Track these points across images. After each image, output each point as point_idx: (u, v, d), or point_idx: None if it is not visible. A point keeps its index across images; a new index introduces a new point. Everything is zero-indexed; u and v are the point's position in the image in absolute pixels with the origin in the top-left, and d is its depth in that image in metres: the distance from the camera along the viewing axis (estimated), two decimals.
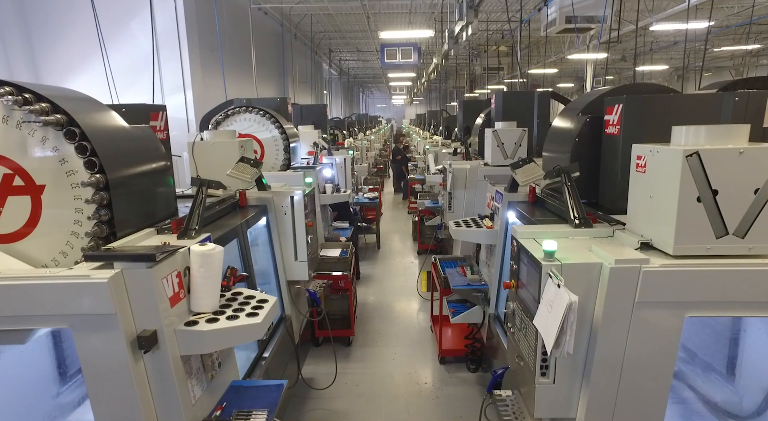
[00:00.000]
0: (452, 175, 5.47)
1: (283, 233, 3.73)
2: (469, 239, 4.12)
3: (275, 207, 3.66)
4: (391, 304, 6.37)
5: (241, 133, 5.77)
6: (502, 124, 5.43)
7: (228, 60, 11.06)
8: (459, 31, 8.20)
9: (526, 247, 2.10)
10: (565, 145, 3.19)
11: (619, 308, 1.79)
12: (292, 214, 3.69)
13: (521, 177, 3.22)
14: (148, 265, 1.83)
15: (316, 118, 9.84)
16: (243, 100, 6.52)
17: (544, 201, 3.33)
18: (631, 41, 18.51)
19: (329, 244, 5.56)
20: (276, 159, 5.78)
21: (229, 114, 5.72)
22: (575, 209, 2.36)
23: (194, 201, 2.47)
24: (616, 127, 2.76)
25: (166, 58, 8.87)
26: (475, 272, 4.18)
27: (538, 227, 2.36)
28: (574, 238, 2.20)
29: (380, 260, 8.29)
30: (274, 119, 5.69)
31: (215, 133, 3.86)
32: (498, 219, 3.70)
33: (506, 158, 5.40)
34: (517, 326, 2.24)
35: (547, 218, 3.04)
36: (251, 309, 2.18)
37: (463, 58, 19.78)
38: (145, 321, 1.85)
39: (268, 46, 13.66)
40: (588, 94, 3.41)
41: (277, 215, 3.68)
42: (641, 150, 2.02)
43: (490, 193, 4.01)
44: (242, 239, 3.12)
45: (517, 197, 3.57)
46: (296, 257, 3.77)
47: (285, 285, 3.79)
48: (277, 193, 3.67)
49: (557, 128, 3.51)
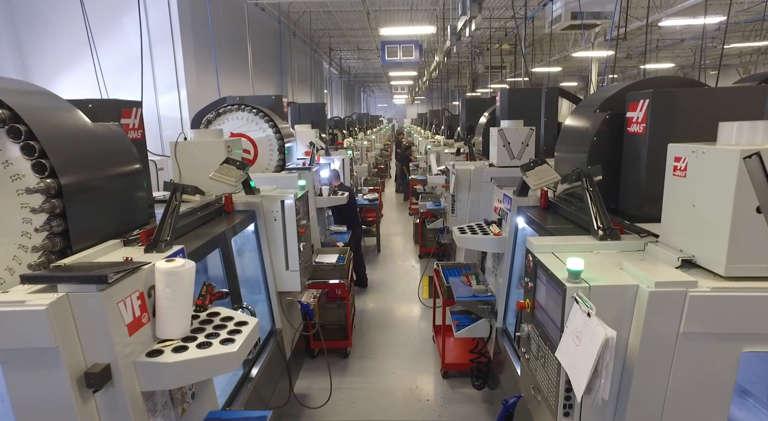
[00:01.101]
0: (455, 177, 5.18)
1: (273, 241, 3.44)
2: (475, 248, 3.83)
3: (264, 212, 3.37)
4: (391, 311, 6.09)
5: (234, 132, 5.50)
6: (508, 122, 5.14)
7: (225, 58, 10.78)
8: (462, 27, 7.91)
9: (545, 263, 1.81)
10: (581, 145, 2.90)
11: (659, 340, 1.50)
12: (283, 220, 3.40)
13: (533, 180, 2.92)
14: (99, 287, 1.54)
15: (314, 117, 9.55)
16: (236, 98, 6.24)
17: (557, 206, 3.03)
18: (637, 39, 18.23)
19: (326, 249, 5.27)
20: (270, 160, 5.50)
21: (221, 112, 5.43)
22: (600, 218, 2.06)
23: (166, 209, 2.19)
24: (640, 125, 2.46)
25: (159, 56, 8.60)
26: (481, 282, 3.88)
27: (557, 239, 2.06)
28: (599, 252, 1.91)
29: (380, 264, 8.00)
30: (268, 118, 5.40)
31: (200, 133, 3.57)
32: (506, 225, 3.41)
33: (513, 159, 5.12)
34: (534, 353, 1.95)
35: (561, 225, 2.75)
36: (227, 334, 1.89)
37: (465, 56, 19.50)
38: (96, 354, 1.56)
39: (267, 44, 13.38)
40: (605, 89, 3.11)
41: (267, 221, 3.39)
42: (681, 150, 1.73)
43: (498, 197, 3.72)
44: (226, 249, 2.83)
45: (527, 202, 3.28)
46: (287, 267, 3.48)
47: (275, 297, 3.50)
48: (267, 198, 3.38)
49: (572, 127, 3.22)
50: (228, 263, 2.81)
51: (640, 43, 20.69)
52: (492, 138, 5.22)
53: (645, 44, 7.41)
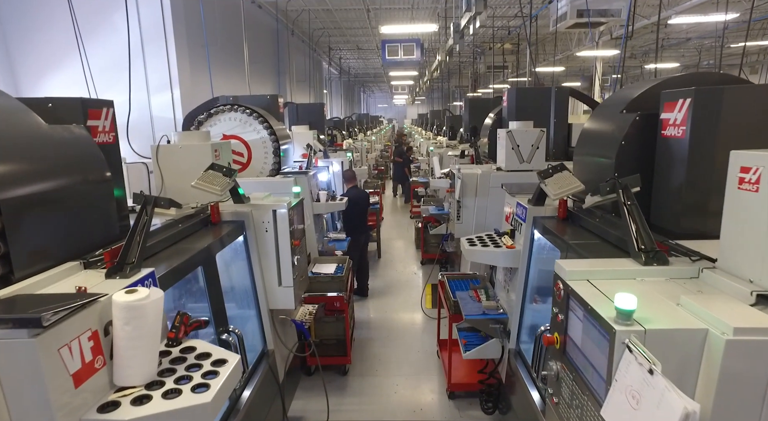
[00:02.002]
0: (461, 182, 4.87)
1: (264, 254, 3.13)
2: (486, 262, 3.52)
3: (254, 223, 3.07)
4: (393, 322, 5.78)
5: (226, 134, 5.20)
6: (517, 124, 4.84)
7: (220, 56, 10.48)
8: (466, 24, 7.60)
9: (581, 295, 1.50)
10: (607, 149, 2.60)
11: (740, 400, 1.20)
12: (275, 231, 3.09)
13: (553, 189, 2.61)
14: (32, 332, 1.23)
15: (313, 117, 9.25)
16: (229, 97, 5.93)
17: (578, 217, 2.73)
18: (640, 38, 17.91)
19: (323, 258, 4.96)
20: (264, 163, 5.20)
21: (212, 113, 5.13)
22: (642, 238, 1.75)
23: (134, 225, 1.88)
24: (679, 128, 2.16)
25: (151, 54, 8.28)
26: (491, 297, 3.58)
27: (592, 264, 1.75)
28: (644, 280, 1.60)
29: (381, 271, 7.70)
30: (263, 119, 5.10)
31: (185, 135, 3.26)
32: (520, 237, 3.10)
33: (522, 162, 4.81)
34: (565, 398, 1.64)
35: (584, 239, 2.44)
36: (202, 377, 1.58)
37: (466, 55, 19.20)
38: (27, 414, 1.25)
39: (264, 43, 13.07)
40: (631, 87, 2.81)
41: (257, 233, 3.09)
42: (751, 159, 1.42)
43: (510, 205, 3.41)
44: (210, 266, 2.52)
45: (543, 211, 2.97)
46: (280, 282, 3.17)
47: (267, 315, 3.19)
48: (257, 207, 3.07)
49: (594, 130, 2.91)
50: (211, 283, 2.50)
51: (643, 42, 20.42)
52: (500, 140, 4.92)
53: (656, 42, 7.09)
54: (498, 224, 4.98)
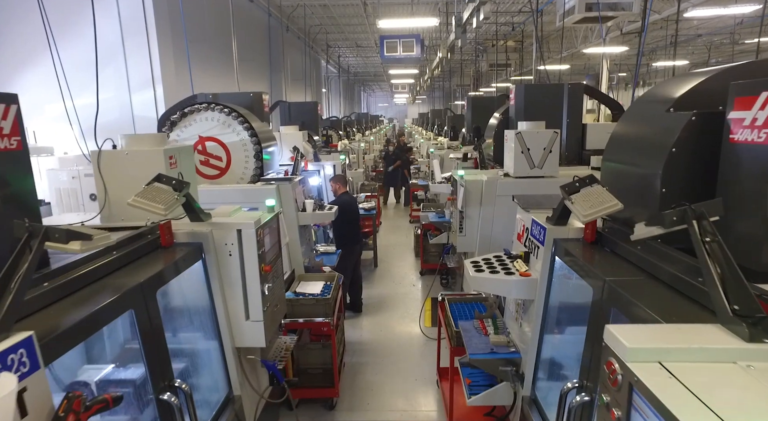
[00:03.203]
0: (464, 190, 4.33)
1: (228, 283, 2.59)
2: (496, 292, 2.98)
3: (215, 245, 2.53)
4: (388, 344, 5.24)
5: (203, 135, 4.67)
6: (527, 124, 4.30)
7: (209, 53, 9.95)
8: (468, 16, 7.06)
9: (658, 395, 0.96)
10: (650, 158, 2.05)
11: None
12: (241, 255, 2.56)
13: (582, 208, 2.07)
14: None
15: (306, 117, 8.73)
16: (209, 95, 5.39)
17: (613, 243, 2.18)
18: (649, 35, 17.34)
19: (310, 276, 4.42)
20: (245, 168, 4.67)
21: (187, 113, 4.60)
22: (736, 293, 1.20)
23: (7, 270, 1.34)
24: (761, 131, 1.61)
25: (132, 49, 7.76)
26: (500, 330, 3.03)
27: (663, 335, 1.19)
28: (751, 366, 1.05)
29: (377, 282, 7.15)
30: (243, 119, 4.57)
31: (133, 139, 2.72)
32: (537, 262, 2.56)
33: (532, 168, 4.28)
34: None
35: (624, 274, 1.90)
36: None
37: (468, 53, 18.68)
38: None
39: (258, 40, 12.52)
40: (676, 79, 2.26)
41: (219, 257, 2.55)
42: None
43: (523, 223, 2.87)
44: (145, 308, 1.98)
45: (566, 232, 2.43)
46: (247, 316, 2.64)
47: (232, 354, 2.66)
48: (219, 226, 2.54)
49: (630, 133, 2.37)
50: (147, 330, 1.96)
51: (651, 39, 19.85)
52: (507, 143, 4.38)
53: (675, 35, 6.54)
54: (506, 237, 4.44)
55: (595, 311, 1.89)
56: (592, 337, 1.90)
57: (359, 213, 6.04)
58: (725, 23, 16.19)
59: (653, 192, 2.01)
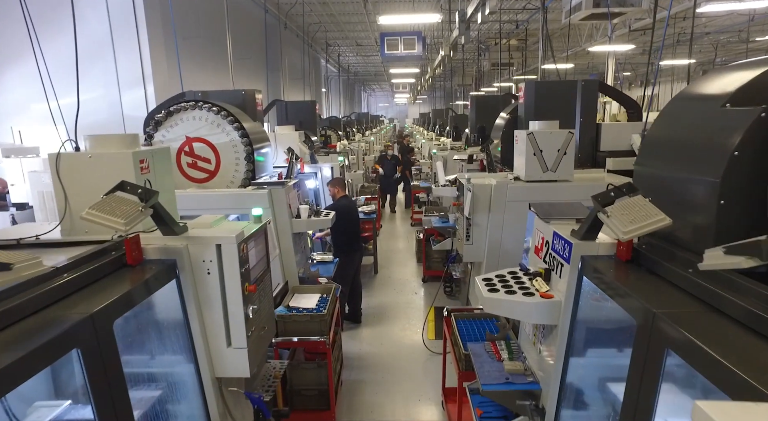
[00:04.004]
0: (472, 195, 4.00)
1: (207, 305, 2.27)
2: (514, 317, 2.64)
3: (191, 262, 2.20)
4: (388, 359, 4.91)
5: (190, 136, 4.36)
6: (539, 124, 3.98)
7: (203, 50, 9.63)
8: (474, 11, 6.73)
9: None
10: (703, 163, 1.73)
11: None
12: (220, 273, 2.23)
13: (621, 224, 1.74)
14: None
15: (304, 117, 8.41)
16: (198, 93, 5.07)
17: (654, 262, 1.85)
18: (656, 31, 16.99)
19: (304, 288, 4.09)
20: (236, 171, 4.36)
21: (173, 111, 4.28)
22: None
23: None
24: None
25: (122, 45, 7.43)
26: (515, 355, 2.70)
27: None
28: None
29: (377, 290, 6.82)
30: (233, 118, 4.25)
31: (98, 140, 2.39)
32: (560, 282, 2.23)
33: (545, 171, 3.95)
34: None
35: (676, 304, 1.58)
36: None
37: (470, 52, 18.37)
38: None
39: (255, 37, 12.18)
40: (731, 68, 1.93)
41: (196, 276, 2.22)
42: None
43: (542, 235, 2.53)
44: (96, 346, 1.64)
45: (596, 248, 2.10)
46: (229, 343, 2.31)
47: (212, 386, 2.33)
48: (195, 240, 2.21)
49: (672, 133, 2.04)
50: (97, 370, 1.62)
51: (657, 37, 19.49)
52: (518, 144, 4.06)
53: (691, 29, 6.19)
54: (516, 247, 4.11)
55: (640, 352, 1.56)
56: (636, 382, 1.57)
57: (359, 218, 5.71)
58: (733, 21, 15.85)
59: (708, 204, 1.68)
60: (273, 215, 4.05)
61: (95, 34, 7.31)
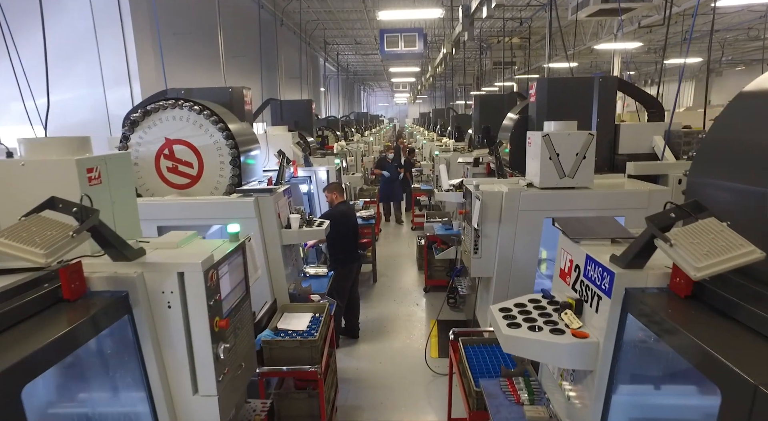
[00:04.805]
0: (481, 203, 3.60)
1: (168, 345, 1.87)
2: (542, 360, 2.23)
3: (148, 294, 1.81)
4: (387, 380, 4.51)
5: (170, 137, 3.96)
6: (555, 124, 3.58)
7: (195, 47, 9.22)
8: (478, 5, 6.33)
9: None
10: None
11: None
12: (184, 307, 1.83)
13: (693, 258, 1.34)
14: None
15: (299, 116, 8.02)
16: (181, 90, 4.67)
17: (726, 302, 1.45)
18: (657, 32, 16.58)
19: (295, 306, 3.69)
20: (220, 176, 3.96)
21: (150, 111, 3.88)
22: None
23: None
24: None
25: (106, 41, 7.00)
26: (537, 396, 2.30)
27: None
28: None
29: (376, 300, 6.42)
30: (217, 118, 3.86)
31: (37, 145, 1.99)
32: (598, 318, 1.83)
33: (563, 177, 3.56)
34: None
35: (749, 351, 1.18)
36: None
37: (471, 50, 17.97)
38: None
39: (250, 34, 11.76)
40: None
41: (154, 311, 1.83)
42: None
43: (571, 256, 2.13)
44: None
45: (644, 279, 1.69)
46: (195, 389, 1.91)
47: None
48: (152, 267, 1.81)
49: (743, 137, 1.64)
50: None
51: (662, 36, 19.07)
52: (532, 147, 3.66)
53: (712, 24, 5.78)
54: (529, 261, 3.72)
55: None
56: None
57: (357, 226, 5.31)
58: (741, 18, 15.46)
59: None
60: (260, 225, 3.65)
61: (78, 28, 6.90)
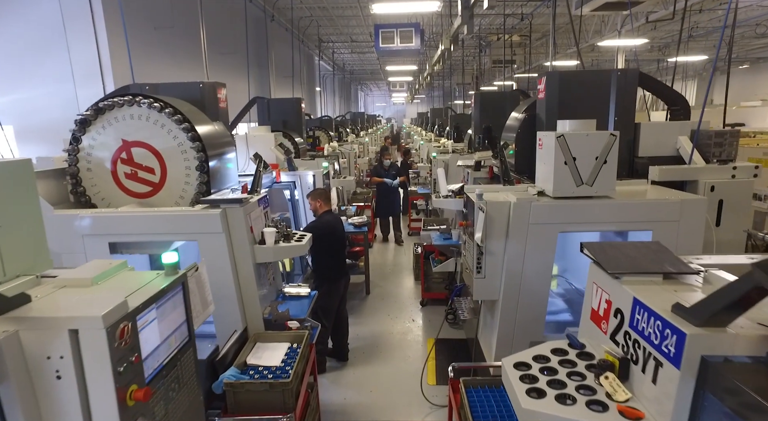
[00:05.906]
0: (485, 215, 3.09)
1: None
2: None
3: (26, 362, 1.29)
4: (378, 413, 3.99)
5: (127, 139, 3.44)
6: (571, 124, 3.08)
7: (176, 42, 8.68)
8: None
9: None
10: None
11: None
12: (80, 376, 1.31)
13: None
14: None
15: (288, 116, 7.49)
16: (145, 86, 4.12)
17: None
18: (663, 28, 16.12)
19: (269, 335, 3.17)
20: (186, 183, 3.44)
21: (103, 109, 3.37)
22: None
23: None
24: None
25: (75, 34, 6.47)
26: None
27: None
28: None
29: (368, 316, 5.90)
30: (181, 117, 3.34)
31: None
32: (656, 391, 1.32)
33: (580, 184, 3.05)
34: None
35: None
36: None
37: (470, 48, 17.48)
38: None
39: (240, 31, 11.22)
40: None
41: (35, 384, 1.31)
42: None
43: (607, 295, 1.62)
44: None
45: (729, 345, 1.18)
46: None
47: None
48: (32, 323, 1.29)
49: None
50: None
51: (666, 33, 18.61)
52: (543, 149, 3.16)
53: (731, 19, 5.28)
54: (540, 282, 3.20)
55: None
56: None
57: (345, 237, 4.79)
58: (748, 15, 14.99)
59: None
60: (228, 242, 3.13)
61: (46, 20, 6.37)
